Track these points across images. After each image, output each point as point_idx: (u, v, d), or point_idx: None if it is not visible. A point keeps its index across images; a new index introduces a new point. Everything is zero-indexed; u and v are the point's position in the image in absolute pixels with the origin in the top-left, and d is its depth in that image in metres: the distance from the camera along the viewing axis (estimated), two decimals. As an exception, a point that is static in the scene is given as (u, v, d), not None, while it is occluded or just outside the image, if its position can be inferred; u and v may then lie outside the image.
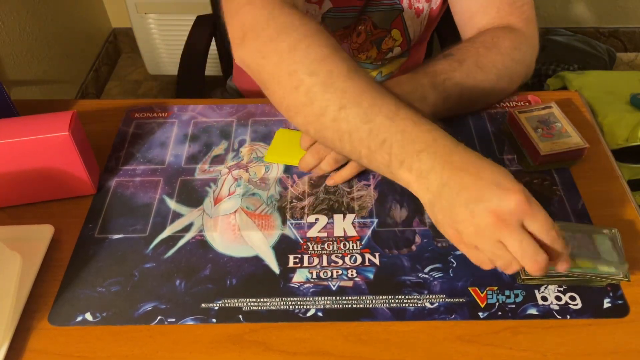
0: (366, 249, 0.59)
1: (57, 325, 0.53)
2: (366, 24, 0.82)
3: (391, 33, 0.84)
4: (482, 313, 0.53)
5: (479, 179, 0.45)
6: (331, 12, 0.79)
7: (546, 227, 0.45)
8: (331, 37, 0.54)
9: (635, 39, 2.04)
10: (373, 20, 0.82)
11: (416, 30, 0.84)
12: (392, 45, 0.86)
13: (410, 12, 0.81)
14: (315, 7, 0.78)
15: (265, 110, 0.76)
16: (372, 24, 0.82)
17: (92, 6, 1.88)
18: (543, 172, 0.66)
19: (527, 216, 0.44)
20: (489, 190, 0.44)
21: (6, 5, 1.38)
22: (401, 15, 0.81)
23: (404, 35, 0.84)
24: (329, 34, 0.55)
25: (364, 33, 0.83)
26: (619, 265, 0.52)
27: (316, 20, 0.57)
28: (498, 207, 0.44)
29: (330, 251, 0.59)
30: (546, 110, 0.69)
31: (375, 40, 0.84)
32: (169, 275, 0.57)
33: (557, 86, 1.63)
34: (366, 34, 0.83)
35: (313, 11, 0.79)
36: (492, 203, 0.44)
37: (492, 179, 0.45)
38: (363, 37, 0.83)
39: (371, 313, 0.53)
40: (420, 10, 0.81)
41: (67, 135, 0.58)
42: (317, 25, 0.55)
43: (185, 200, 0.64)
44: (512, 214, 0.44)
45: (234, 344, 0.51)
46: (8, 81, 1.40)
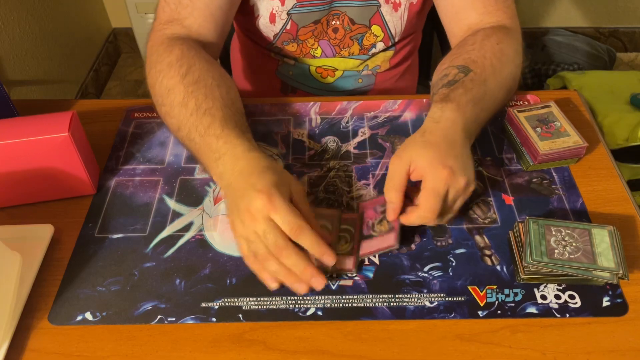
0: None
1: (57, 325, 0.53)
2: (341, 19, 0.82)
3: (371, 29, 0.84)
4: (482, 312, 0.53)
5: (247, 182, 0.55)
6: (296, 7, 0.79)
7: (285, 220, 0.53)
8: (183, 67, 0.66)
9: (635, 39, 2.04)
10: (349, 15, 0.82)
11: (397, 25, 0.84)
12: (374, 41, 0.86)
13: (387, 7, 0.81)
14: (278, 4, 0.79)
15: (265, 110, 0.76)
16: (350, 20, 0.82)
17: (92, 6, 1.88)
18: (542, 171, 0.66)
19: (271, 212, 0.53)
20: (248, 192, 0.54)
21: (6, 5, 1.38)
22: (379, 11, 0.81)
23: (385, 30, 0.84)
24: (188, 63, 0.66)
25: (341, 29, 0.83)
26: (618, 264, 0.53)
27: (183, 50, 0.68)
28: (250, 205, 0.53)
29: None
30: (545, 110, 0.69)
31: (356, 36, 0.85)
32: (168, 275, 0.57)
33: (557, 86, 1.63)
34: (344, 29, 0.83)
35: (277, 8, 0.79)
36: (248, 202, 0.54)
37: (253, 183, 0.54)
38: (342, 32, 0.83)
39: (371, 312, 0.53)
40: (397, 5, 0.81)
41: (67, 136, 0.58)
42: (177, 55, 0.67)
43: (185, 200, 0.64)
44: (259, 210, 0.53)
45: (234, 343, 0.51)
46: (8, 81, 1.40)
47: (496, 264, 0.57)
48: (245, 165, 0.57)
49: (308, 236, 0.53)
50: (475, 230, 0.60)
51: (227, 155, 0.58)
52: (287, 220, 0.53)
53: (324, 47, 0.86)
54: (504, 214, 0.62)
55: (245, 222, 0.54)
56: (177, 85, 0.65)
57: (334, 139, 0.72)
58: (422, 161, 0.57)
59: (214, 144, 0.60)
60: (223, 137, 0.60)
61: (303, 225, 0.53)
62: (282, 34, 0.83)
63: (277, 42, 0.85)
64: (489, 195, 0.64)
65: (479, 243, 0.59)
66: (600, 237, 0.55)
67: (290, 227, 0.53)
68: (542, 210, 0.62)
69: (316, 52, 0.87)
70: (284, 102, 0.78)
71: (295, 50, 0.87)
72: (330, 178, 0.67)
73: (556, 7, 1.96)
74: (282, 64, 0.92)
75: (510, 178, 0.66)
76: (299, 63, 0.90)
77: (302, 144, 0.71)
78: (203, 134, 0.61)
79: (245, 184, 0.55)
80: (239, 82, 1.05)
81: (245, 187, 0.55)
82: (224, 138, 0.60)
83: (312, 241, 0.53)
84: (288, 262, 0.53)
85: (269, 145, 0.71)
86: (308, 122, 0.74)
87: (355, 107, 0.76)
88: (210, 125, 0.61)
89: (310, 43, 0.85)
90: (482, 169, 0.67)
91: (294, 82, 0.94)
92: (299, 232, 0.53)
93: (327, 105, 0.77)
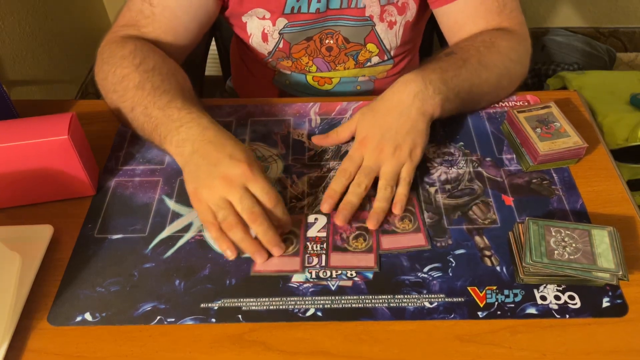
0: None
1: (57, 325, 0.53)
2: (335, 38, 0.82)
3: (366, 46, 0.84)
4: (481, 312, 0.53)
5: (219, 151, 0.57)
6: (287, 27, 0.80)
7: (265, 190, 0.56)
8: (137, 59, 0.67)
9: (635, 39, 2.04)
10: (343, 34, 0.82)
11: (392, 41, 0.84)
12: (369, 57, 0.86)
13: (382, 26, 0.81)
14: (269, 24, 0.79)
15: (265, 110, 0.76)
16: (344, 39, 0.82)
17: (92, 6, 1.88)
18: (542, 172, 0.66)
19: (249, 181, 0.56)
20: (224, 160, 0.56)
21: (6, 5, 1.38)
22: (374, 30, 0.81)
23: (380, 47, 0.84)
24: (142, 56, 0.67)
25: (335, 47, 0.83)
26: (617, 265, 0.52)
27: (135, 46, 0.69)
28: (227, 172, 0.56)
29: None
30: (545, 110, 0.69)
31: (351, 53, 0.85)
32: (168, 275, 0.57)
33: (557, 86, 1.62)
34: (339, 48, 0.84)
35: (268, 28, 0.80)
36: (223, 168, 0.56)
37: (228, 151, 0.57)
38: (336, 51, 0.84)
39: (370, 313, 0.53)
40: (392, 23, 0.81)
41: (67, 139, 0.58)
42: (130, 49, 0.68)
43: (185, 200, 0.64)
44: (237, 177, 0.56)
45: (234, 343, 0.51)
46: (8, 81, 1.40)
47: (496, 265, 0.57)
48: (215, 135, 0.59)
49: (281, 207, 0.58)
50: (475, 231, 0.60)
51: (193, 123, 0.60)
52: (266, 190, 0.56)
53: (319, 64, 0.86)
54: (504, 214, 0.62)
55: (215, 189, 0.56)
56: (132, 73, 0.66)
57: (334, 140, 0.72)
58: (358, 126, 0.66)
59: (176, 114, 0.61)
60: (186, 109, 0.61)
61: (279, 197, 0.58)
62: (276, 52, 0.83)
63: (272, 58, 0.86)
64: (488, 196, 0.64)
65: (478, 244, 0.59)
66: (600, 238, 0.55)
67: (269, 197, 0.56)
68: (542, 210, 0.62)
69: (311, 68, 0.87)
70: (284, 102, 0.78)
71: (291, 66, 0.87)
72: (330, 178, 0.67)
73: (556, 7, 1.96)
74: (278, 73, 0.92)
75: (510, 178, 0.66)
76: (295, 73, 0.90)
77: (302, 145, 0.71)
78: (163, 107, 0.62)
79: (219, 152, 0.57)
80: (240, 83, 1.05)
81: (220, 156, 0.57)
82: (187, 109, 0.61)
83: (284, 211, 0.58)
84: (261, 229, 0.56)
85: (269, 146, 0.71)
86: (308, 123, 0.74)
87: (355, 107, 0.76)
88: (171, 101, 0.62)
89: (305, 61, 0.85)
90: (481, 169, 0.67)
91: (291, 89, 0.94)
92: (276, 202, 0.57)
93: (326, 105, 0.77)
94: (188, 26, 0.74)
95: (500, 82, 0.71)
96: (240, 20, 0.80)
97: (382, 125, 0.64)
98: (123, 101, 0.66)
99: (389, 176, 0.62)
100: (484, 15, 0.73)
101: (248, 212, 0.55)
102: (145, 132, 0.64)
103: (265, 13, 0.78)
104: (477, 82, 0.68)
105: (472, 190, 0.65)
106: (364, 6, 0.78)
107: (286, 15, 0.78)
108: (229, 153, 0.57)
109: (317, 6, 0.77)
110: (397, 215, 0.61)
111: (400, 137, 0.63)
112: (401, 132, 0.63)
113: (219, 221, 0.56)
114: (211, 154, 0.57)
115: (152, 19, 0.72)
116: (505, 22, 0.74)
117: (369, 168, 0.63)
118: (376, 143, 0.63)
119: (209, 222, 0.57)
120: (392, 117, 0.64)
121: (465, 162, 0.68)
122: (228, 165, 0.56)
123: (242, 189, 0.56)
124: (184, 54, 0.77)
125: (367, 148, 0.63)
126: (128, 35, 0.72)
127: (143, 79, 0.65)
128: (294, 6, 0.76)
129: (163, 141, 0.62)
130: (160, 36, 0.73)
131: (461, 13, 0.74)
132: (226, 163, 0.56)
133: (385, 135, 0.63)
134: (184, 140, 0.59)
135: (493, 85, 0.71)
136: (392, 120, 0.63)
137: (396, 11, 0.80)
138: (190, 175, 0.59)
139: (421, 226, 0.60)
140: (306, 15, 0.78)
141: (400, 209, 0.61)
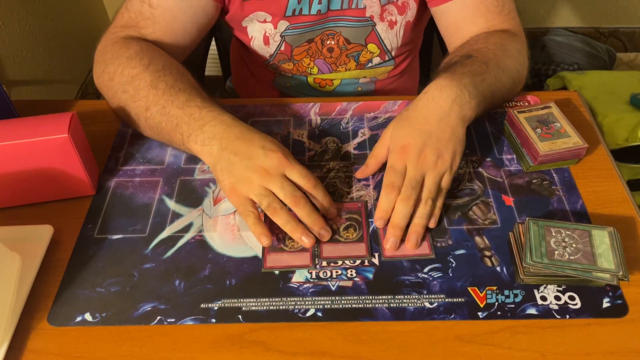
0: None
1: (57, 326, 0.53)
2: (336, 39, 0.82)
3: (367, 47, 0.84)
4: (482, 313, 0.53)
5: (250, 145, 0.58)
6: (289, 30, 0.79)
7: (303, 174, 0.58)
8: (145, 59, 0.67)
9: (635, 39, 2.04)
10: (344, 35, 0.82)
11: (392, 42, 0.84)
12: (370, 57, 0.86)
13: (383, 25, 0.81)
14: (270, 27, 0.79)
15: (265, 110, 0.76)
16: (345, 40, 0.82)
17: (92, 6, 1.88)
18: (542, 172, 0.66)
19: (287, 168, 0.58)
20: (257, 151, 0.58)
21: (6, 5, 1.38)
22: (374, 30, 0.81)
23: (381, 47, 0.84)
24: (149, 57, 0.67)
25: (336, 48, 0.83)
26: (618, 265, 0.52)
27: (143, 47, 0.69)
28: (264, 163, 0.57)
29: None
30: (545, 110, 0.69)
31: (352, 54, 0.85)
32: (168, 276, 0.57)
33: (557, 86, 1.62)
34: (339, 49, 0.83)
35: (270, 31, 0.80)
36: (259, 160, 0.57)
37: (260, 144, 0.58)
38: (337, 52, 0.84)
39: (371, 313, 0.53)
40: (393, 23, 0.81)
41: (67, 138, 0.58)
42: (136, 50, 0.68)
43: (185, 201, 0.64)
44: (275, 167, 0.57)
45: (234, 344, 0.51)
46: (8, 81, 1.40)
47: (496, 265, 0.57)
48: (241, 130, 0.60)
49: (321, 189, 0.59)
50: (475, 231, 0.60)
51: (216, 121, 0.60)
52: (304, 174, 0.58)
53: (320, 65, 0.86)
54: (504, 215, 0.62)
55: (255, 180, 0.57)
56: (142, 73, 0.65)
57: (334, 140, 0.72)
58: (393, 137, 0.62)
59: (197, 113, 0.61)
60: (206, 107, 0.61)
61: (317, 180, 0.59)
62: (277, 54, 0.83)
63: (273, 61, 0.86)
64: (489, 196, 0.64)
65: (478, 244, 0.59)
66: (600, 239, 0.55)
67: (308, 180, 0.58)
68: (542, 211, 0.62)
69: (312, 70, 0.87)
70: (284, 102, 0.78)
71: (292, 69, 0.87)
72: (330, 179, 0.67)
73: (556, 7, 1.96)
74: (279, 76, 0.92)
75: (510, 179, 0.66)
76: (296, 75, 0.90)
77: (302, 145, 0.71)
78: (182, 107, 0.62)
79: (251, 146, 0.58)
80: (240, 83, 1.05)
81: (252, 149, 0.58)
82: (207, 108, 0.61)
83: (324, 193, 0.60)
84: (304, 212, 0.57)
85: (269, 146, 0.71)
86: (308, 123, 0.74)
87: (355, 107, 0.76)
88: (189, 99, 0.62)
89: (306, 63, 0.85)
90: (482, 169, 0.67)
91: (292, 91, 0.94)
92: (315, 184, 0.59)
93: (327, 106, 0.77)
94: (187, 28, 0.74)
95: (513, 85, 0.71)
96: (241, 24, 0.80)
97: (422, 132, 0.60)
98: (135, 100, 0.65)
99: (432, 188, 0.59)
100: (483, 14, 0.73)
101: (290, 196, 0.57)
102: (163, 132, 0.64)
103: (267, 16, 0.78)
104: (498, 86, 0.67)
105: (473, 191, 0.65)
106: (365, 7, 0.78)
107: (287, 17, 0.78)
108: (261, 145, 0.58)
109: (318, 8, 0.77)
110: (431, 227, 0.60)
111: (442, 144, 0.60)
112: (443, 140, 0.60)
113: (264, 208, 0.57)
114: (243, 149, 0.58)
115: (151, 20, 0.72)
116: (505, 22, 0.74)
117: (415, 180, 0.58)
118: (419, 151, 0.59)
119: (248, 210, 0.58)
120: (431, 123, 0.60)
121: (465, 162, 0.68)
122: (263, 157, 0.57)
123: (281, 177, 0.57)
124: (183, 56, 0.77)
125: (410, 156, 0.59)
126: (128, 37, 0.72)
127: (155, 78, 0.64)
128: (295, 8, 0.76)
129: (186, 140, 0.61)
130: (159, 38, 0.73)
131: (460, 12, 0.74)
132: (260, 155, 0.57)
133: (428, 142, 0.60)
134: (210, 138, 0.60)
135: (508, 88, 0.70)
136: (431, 127, 0.60)
137: (396, 11, 0.80)
138: (224, 173, 0.59)
139: (426, 235, 0.60)
140: (307, 17, 0.78)
141: (435, 223, 0.59)
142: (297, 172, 0.58)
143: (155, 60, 0.67)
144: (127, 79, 0.66)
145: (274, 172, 0.57)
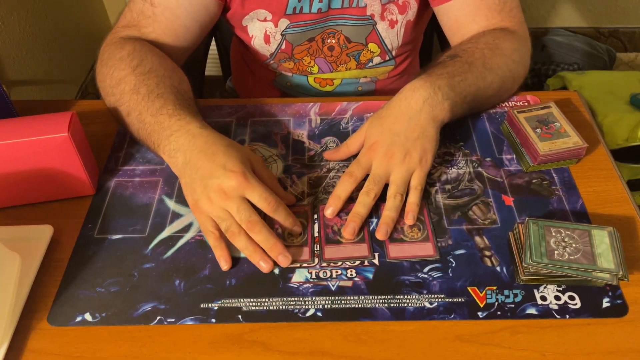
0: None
1: (57, 326, 0.53)
2: (337, 37, 0.82)
3: (368, 46, 0.84)
4: (481, 313, 0.53)
5: (212, 162, 0.57)
6: (290, 28, 0.79)
7: (263, 197, 0.56)
8: (135, 60, 0.67)
9: (635, 39, 2.04)
10: (345, 34, 0.82)
11: (393, 41, 0.84)
12: (371, 57, 0.86)
13: (383, 24, 0.81)
14: (271, 26, 0.79)
15: (265, 110, 0.76)
16: (345, 38, 0.82)
17: (92, 6, 1.88)
18: (542, 172, 0.66)
19: (246, 190, 0.56)
20: (218, 172, 0.56)
21: (6, 5, 1.38)
22: (375, 29, 0.81)
23: (382, 46, 0.84)
24: (139, 57, 0.67)
25: (337, 47, 0.83)
26: (617, 265, 0.52)
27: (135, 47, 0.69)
28: (222, 184, 0.56)
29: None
30: (545, 110, 0.69)
31: (352, 53, 0.85)
32: (168, 276, 0.57)
33: (557, 86, 1.62)
34: (340, 47, 0.83)
35: (270, 30, 0.80)
36: (218, 180, 0.56)
37: (221, 162, 0.56)
38: (338, 50, 0.84)
39: (370, 313, 0.53)
40: (394, 22, 0.81)
41: (67, 137, 0.58)
42: (129, 51, 0.68)
43: (185, 201, 0.64)
44: (233, 189, 0.56)
45: (234, 344, 0.51)
46: (8, 81, 1.39)
47: (496, 265, 0.57)
48: (205, 142, 0.59)
49: (283, 211, 0.58)
50: (475, 231, 0.60)
51: (181, 132, 0.60)
52: (264, 197, 0.56)
53: (321, 64, 0.86)
54: (504, 214, 0.62)
55: (214, 200, 0.56)
56: (128, 76, 0.65)
57: (334, 140, 0.72)
58: (367, 134, 0.64)
59: (166, 122, 0.61)
60: (176, 115, 0.61)
61: (279, 201, 0.58)
62: (278, 53, 0.83)
63: (273, 60, 0.86)
64: (488, 196, 0.64)
65: (478, 244, 0.59)
66: (600, 238, 0.55)
67: (268, 203, 0.57)
68: (542, 211, 0.62)
69: (313, 69, 0.87)
70: (284, 102, 0.78)
71: (293, 68, 0.87)
72: (330, 179, 0.67)
73: (556, 7, 1.96)
74: (279, 75, 0.92)
75: (510, 179, 0.66)
76: (297, 74, 0.90)
77: (302, 145, 0.71)
78: (155, 114, 0.62)
79: (211, 163, 0.57)
80: (240, 83, 1.05)
81: (213, 166, 0.57)
82: (177, 116, 0.61)
83: (286, 215, 0.58)
84: (259, 237, 0.56)
85: (269, 146, 0.71)
86: (308, 123, 0.74)
87: (355, 107, 0.76)
88: (163, 106, 0.62)
89: (307, 61, 0.85)
90: (481, 169, 0.67)
91: (292, 91, 0.94)
92: (275, 207, 0.57)
93: (326, 105, 0.77)
94: (189, 27, 0.74)
95: (504, 84, 0.71)
96: (241, 23, 0.80)
97: (391, 131, 0.62)
98: (120, 105, 0.66)
99: (399, 183, 0.61)
100: (484, 13, 0.73)
101: (246, 221, 0.56)
102: (142, 138, 0.65)
103: (267, 14, 0.78)
104: (482, 85, 0.68)
105: (472, 191, 0.65)
106: (365, 5, 0.78)
107: (288, 16, 0.78)
108: (222, 163, 0.56)
109: (319, 6, 0.77)
110: (408, 223, 0.61)
111: (410, 143, 0.62)
112: (411, 138, 0.62)
113: (223, 230, 0.57)
114: (204, 166, 0.57)
115: (153, 19, 0.72)
116: (505, 20, 0.74)
117: (378, 176, 0.61)
118: (386, 149, 0.62)
119: (208, 230, 0.58)
120: (401, 123, 0.62)
121: (465, 163, 0.68)
122: (223, 177, 0.56)
123: (238, 199, 0.56)
124: (184, 55, 0.77)
125: (377, 154, 0.62)
126: (128, 36, 0.72)
127: (139, 81, 0.64)
128: (296, 6, 0.76)
129: (157, 149, 0.62)
130: (160, 37, 0.73)
131: (461, 11, 0.74)
132: (220, 175, 0.56)
133: (395, 141, 0.62)
134: (175, 150, 0.59)
135: (497, 88, 0.71)
136: (401, 126, 0.62)
137: (397, 10, 0.80)
138: (187, 188, 0.59)
139: (430, 235, 0.60)
140: (308, 15, 0.78)
141: (413, 219, 0.60)
142: (257, 195, 0.56)
143: (144, 61, 0.67)
144: (115, 81, 0.66)
145: (232, 194, 0.56)
